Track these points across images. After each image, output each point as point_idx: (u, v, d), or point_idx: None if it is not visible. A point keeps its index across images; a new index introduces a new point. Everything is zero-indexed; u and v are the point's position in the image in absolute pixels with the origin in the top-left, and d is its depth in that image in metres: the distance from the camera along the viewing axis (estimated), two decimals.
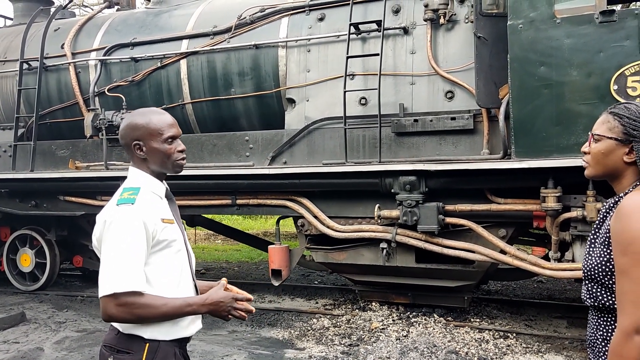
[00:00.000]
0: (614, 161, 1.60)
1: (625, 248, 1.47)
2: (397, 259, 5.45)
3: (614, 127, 1.60)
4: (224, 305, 1.89)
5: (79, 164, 6.86)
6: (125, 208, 1.80)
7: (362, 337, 5.15)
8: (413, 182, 5.07)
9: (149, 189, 1.92)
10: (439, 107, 5.42)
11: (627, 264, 1.46)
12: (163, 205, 1.94)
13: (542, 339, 5.09)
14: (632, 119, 1.57)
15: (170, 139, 1.92)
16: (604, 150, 1.61)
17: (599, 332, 1.61)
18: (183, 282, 1.92)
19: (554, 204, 4.58)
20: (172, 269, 1.89)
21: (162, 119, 1.94)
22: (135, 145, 1.92)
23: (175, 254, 1.90)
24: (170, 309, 1.80)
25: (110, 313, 1.77)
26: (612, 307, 1.56)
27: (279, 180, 5.66)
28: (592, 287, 1.62)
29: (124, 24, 7.10)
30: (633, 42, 4.27)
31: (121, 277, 1.74)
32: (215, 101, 6.42)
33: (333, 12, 5.95)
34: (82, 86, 7.00)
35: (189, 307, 1.84)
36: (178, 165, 1.96)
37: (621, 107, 1.62)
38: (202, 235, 13.12)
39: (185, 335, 1.94)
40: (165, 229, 1.87)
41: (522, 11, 4.60)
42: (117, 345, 1.85)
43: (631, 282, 1.45)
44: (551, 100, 4.52)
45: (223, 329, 5.72)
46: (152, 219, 1.83)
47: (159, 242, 1.85)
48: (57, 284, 7.71)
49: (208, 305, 1.87)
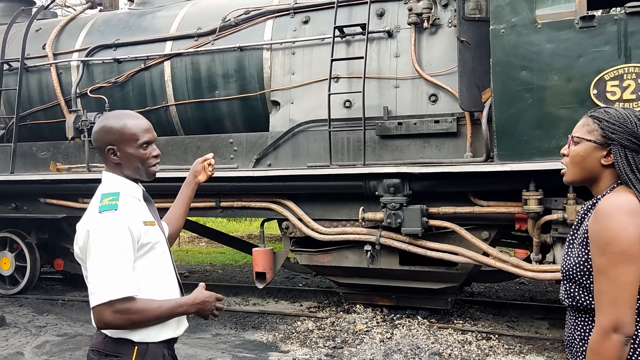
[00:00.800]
0: (591, 164, 1.64)
1: (603, 248, 1.50)
2: (381, 262, 5.47)
3: (593, 130, 1.63)
4: (209, 304, 1.93)
5: (60, 165, 6.78)
6: (109, 215, 1.78)
7: (346, 339, 5.16)
8: (397, 184, 5.10)
9: (127, 192, 1.90)
10: (423, 110, 5.46)
11: (605, 264, 1.49)
12: (143, 208, 1.93)
13: (524, 340, 5.15)
14: (610, 123, 1.61)
15: (146, 144, 1.90)
16: (583, 152, 1.64)
17: (577, 332, 1.64)
18: (169, 283, 1.93)
19: (535, 207, 4.64)
20: (158, 271, 1.90)
21: (137, 123, 1.91)
22: (109, 150, 1.89)
23: (160, 255, 1.91)
24: (164, 311, 1.82)
25: (107, 321, 1.75)
26: (589, 307, 1.59)
27: (264, 182, 5.65)
28: (570, 288, 1.65)
29: (107, 24, 7.04)
30: (612, 47, 4.35)
31: (115, 283, 1.72)
32: (199, 103, 6.39)
33: (318, 15, 5.96)
34: (63, 87, 6.92)
35: (180, 307, 1.87)
36: (152, 172, 1.95)
37: (601, 111, 1.66)
38: (185, 237, 13.02)
39: (174, 335, 1.95)
40: (148, 232, 1.86)
41: (504, 16, 4.66)
42: (105, 349, 1.84)
43: (609, 281, 1.48)
44: (532, 104, 4.58)
45: (207, 332, 5.69)
46: (136, 223, 1.82)
47: (143, 246, 1.85)
48: (37, 288, 7.60)
49: (196, 305, 1.90)
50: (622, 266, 1.47)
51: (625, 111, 1.63)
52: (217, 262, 10.28)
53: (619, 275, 1.47)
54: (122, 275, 1.74)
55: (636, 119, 1.61)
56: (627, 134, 1.59)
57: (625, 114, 1.62)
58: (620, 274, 1.47)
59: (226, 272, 9.20)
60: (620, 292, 1.47)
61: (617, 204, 1.53)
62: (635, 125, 1.60)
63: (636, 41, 4.28)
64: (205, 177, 2.36)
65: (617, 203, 1.53)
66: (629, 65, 4.29)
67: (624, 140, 1.59)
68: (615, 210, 1.51)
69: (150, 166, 1.93)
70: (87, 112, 6.41)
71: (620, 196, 1.56)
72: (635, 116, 1.62)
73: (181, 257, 10.75)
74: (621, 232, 1.48)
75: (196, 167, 2.37)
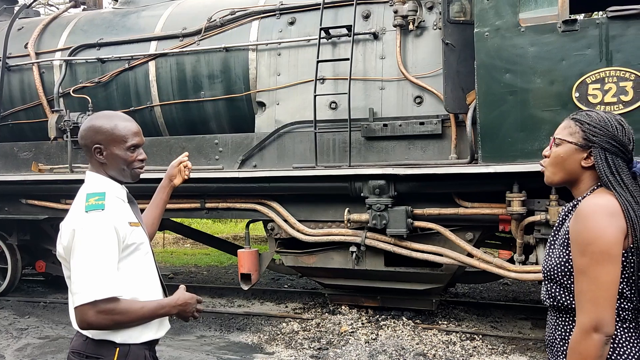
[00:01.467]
0: (572, 165, 1.66)
1: (584, 248, 1.52)
2: (366, 263, 5.48)
3: (575, 132, 1.66)
4: (190, 306, 1.94)
5: (43, 166, 6.70)
6: (96, 214, 1.77)
7: (331, 340, 5.16)
8: (382, 186, 5.12)
9: (112, 193, 1.90)
10: (408, 112, 5.48)
11: (586, 264, 1.51)
12: (127, 209, 1.94)
13: (507, 340, 5.19)
14: (592, 126, 1.63)
15: (133, 147, 1.91)
16: (564, 154, 1.67)
17: (557, 332, 1.66)
18: (152, 284, 1.94)
19: (518, 208, 4.68)
20: (142, 272, 1.90)
21: (127, 126, 1.92)
22: (96, 149, 1.89)
23: (144, 256, 1.91)
24: (146, 312, 1.82)
25: (90, 321, 1.73)
26: (570, 307, 1.61)
27: (249, 183, 5.64)
28: (551, 288, 1.67)
29: (91, 24, 6.97)
30: (594, 50, 4.41)
31: (99, 284, 1.72)
32: (184, 104, 6.35)
33: (304, 17, 5.96)
34: (46, 87, 6.83)
35: (163, 309, 1.87)
36: (136, 174, 1.96)
37: (583, 114, 1.68)
38: (170, 239, 12.93)
39: (156, 337, 1.95)
40: (133, 233, 1.87)
41: (488, 19, 4.70)
42: (85, 351, 1.82)
43: (589, 281, 1.51)
44: (516, 106, 4.63)
45: (191, 334, 5.66)
46: (122, 224, 1.83)
47: (128, 246, 1.85)
48: (18, 290, 7.49)
49: (178, 307, 1.91)
50: (602, 266, 1.49)
51: (606, 115, 1.66)
52: (202, 264, 10.22)
53: (599, 275, 1.49)
54: (106, 276, 1.73)
55: (617, 123, 1.64)
56: (607, 137, 1.61)
57: (607, 117, 1.65)
58: (600, 273, 1.49)
59: (211, 274, 9.16)
60: (601, 291, 1.49)
61: (598, 205, 1.55)
62: (616, 128, 1.62)
63: (617, 45, 4.35)
64: (180, 180, 2.36)
65: (598, 204, 1.55)
66: (610, 69, 4.36)
67: (604, 143, 1.61)
68: (595, 211, 1.54)
69: (135, 169, 1.94)
70: (69, 112, 6.33)
71: (600, 198, 1.58)
72: (616, 120, 1.64)
73: (166, 258, 10.67)
74: (601, 233, 1.50)
75: (171, 170, 2.37)
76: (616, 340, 1.56)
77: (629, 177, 1.61)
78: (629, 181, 1.59)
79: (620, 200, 1.55)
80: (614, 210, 1.54)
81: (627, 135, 1.63)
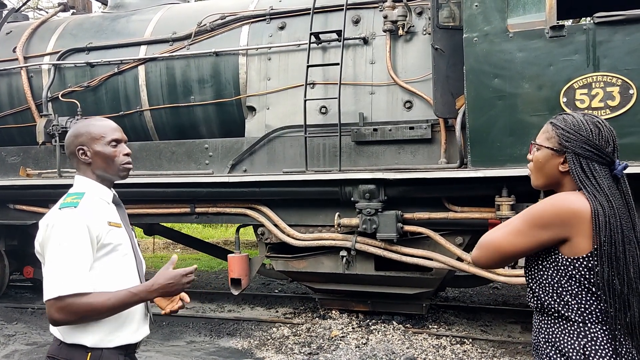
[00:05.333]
0: (551, 170, 1.67)
1: (524, 212, 1.61)
2: (356, 267, 5.48)
3: (552, 137, 1.67)
4: (175, 284, 1.87)
5: (31, 171, 6.64)
6: (68, 211, 1.79)
7: (321, 345, 5.15)
8: (372, 190, 5.13)
9: (95, 194, 1.91)
10: (398, 117, 5.50)
11: (514, 221, 1.62)
12: (110, 210, 1.94)
13: (497, 344, 5.21)
14: (565, 131, 1.63)
15: (114, 142, 1.93)
16: (542, 159, 1.68)
17: (541, 334, 1.67)
18: (130, 286, 1.89)
19: (508, 212, 4.70)
20: (119, 273, 1.87)
21: (104, 123, 1.97)
22: (80, 150, 1.92)
23: (121, 258, 1.89)
24: (116, 302, 1.77)
25: (55, 317, 1.74)
26: (554, 309, 1.62)
27: (239, 188, 5.62)
28: None
29: (80, 28, 6.94)
30: (581, 56, 4.46)
31: (64, 279, 1.72)
32: (174, 108, 6.33)
33: (294, 21, 5.97)
34: (34, 91, 6.78)
35: (135, 296, 1.80)
36: (123, 169, 1.96)
37: (560, 118, 1.68)
38: (160, 244, 12.86)
39: (131, 341, 1.91)
40: (110, 232, 1.85)
41: (477, 25, 4.74)
42: (59, 355, 1.82)
43: (496, 233, 1.65)
44: (505, 111, 4.66)
45: (180, 339, 5.62)
46: (97, 222, 1.82)
47: (104, 246, 1.83)
48: (6, 296, 7.41)
49: (157, 291, 1.84)
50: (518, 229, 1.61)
51: (583, 118, 1.64)
52: None
53: (511, 225, 1.62)
54: (72, 272, 1.73)
55: (592, 126, 1.61)
56: (580, 142, 1.60)
57: (582, 120, 1.63)
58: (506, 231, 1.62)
59: (201, 279, 9.11)
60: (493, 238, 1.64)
61: (566, 199, 1.58)
62: (590, 131, 1.60)
63: (604, 50, 4.40)
64: (167, 307, 1.97)
65: (567, 199, 1.58)
66: (597, 74, 4.40)
67: (577, 148, 1.60)
68: (554, 197, 1.60)
69: (122, 164, 1.94)
70: (58, 117, 6.29)
71: (572, 195, 1.59)
72: (592, 123, 1.62)
73: (156, 263, 10.60)
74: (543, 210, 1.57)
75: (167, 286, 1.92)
76: (598, 342, 1.55)
77: (608, 179, 1.59)
78: (606, 184, 1.57)
79: (592, 203, 1.54)
80: (576, 211, 1.54)
81: (603, 138, 1.60)
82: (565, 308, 1.58)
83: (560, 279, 1.58)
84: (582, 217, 1.54)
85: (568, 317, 1.58)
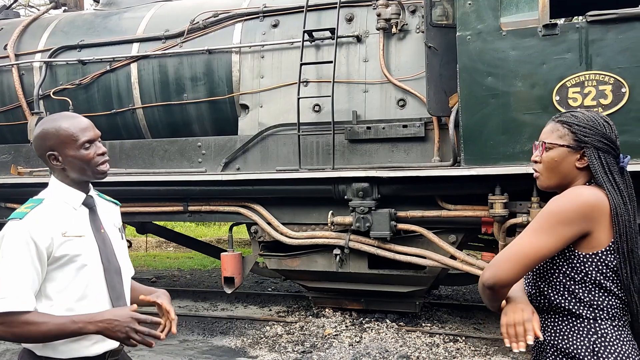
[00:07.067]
0: (567, 168, 1.66)
1: (542, 214, 1.58)
2: (350, 265, 5.48)
3: (565, 134, 1.66)
4: (119, 325, 1.67)
5: (22, 169, 6.59)
6: (12, 224, 1.71)
7: (315, 343, 5.15)
8: (366, 188, 5.13)
9: (60, 199, 1.80)
10: (391, 115, 5.50)
11: (532, 225, 1.58)
12: (72, 218, 1.80)
13: (490, 342, 5.22)
14: (581, 126, 1.64)
15: (87, 143, 1.78)
16: (557, 157, 1.66)
17: (546, 335, 1.66)
18: (89, 299, 1.77)
19: (500, 210, 4.72)
20: (75, 285, 1.75)
21: (73, 123, 1.78)
22: (50, 156, 1.79)
23: (77, 270, 1.75)
24: (52, 327, 1.65)
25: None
26: (563, 307, 1.62)
27: (232, 186, 5.60)
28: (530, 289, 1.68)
29: (71, 25, 6.88)
30: (574, 54, 4.47)
31: (3, 297, 1.64)
32: (167, 106, 6.30)
33: (287, 19, 5.96)
34: (25, 89, 6.73)
35: (74, 324, 1.67)
36: (100, 171, 1.82)
37: (568, 115, 1.68)
38: (153, 242, 12.80)
39: (87, 354, 1.77)
40: (65, 244, 1.73)
41: (470, 23, 4.74)
42: (21, 356, 1.79)
43: (514, 243, 1.59)
44: (498, 109, 4.67)
45: (173, 338, 5.60)
46: (46, 234, 1.70)
47: (57, 259, 1.72)
48: None
49: (97, 323, 1.67)
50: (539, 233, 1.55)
51: (591, 114, 1.67)
52: (185, 267, 10.14)
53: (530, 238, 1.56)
54: (11, 289, 1.64)
55: (603, 121, 1.65)
56: (598, 135, 1.62)
57: (593, 116, 1.66)
58: (531, 238, 1.56)
59: (194, 277, 9.09)
60: (516, 253, 1.56)
61: (584, 193, 1.58)
62: (604, 126, 1.64)
63: (597, 49, 4.41)
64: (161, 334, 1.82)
65: (584, 192, 1.58)
66: (590, 73, 4.42)
67: (596, 142, 1.62)
68: (572, 192, 1.59)
69: (97, 165, 1.80)
70: (49, 115, 6.24)
71: (589, 189, 1.60)
72: (602, 118, 1.66)
73: (148, 262, 10.56)
74: (564, 207, 1.55)
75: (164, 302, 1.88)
76: (607, 338, 1.56)
77: (619, 173, 1.63)
78: (619, 179, 1.61)
79: (610, 198, 1.56)
80: (595, 204, 1.55)
81: (614, 132, 1.65)
82: (577, 305, 1.59)
83: (575, 275, 1.58)
84: (602, 210, 1.55)
85: (579, 315, 1.59)
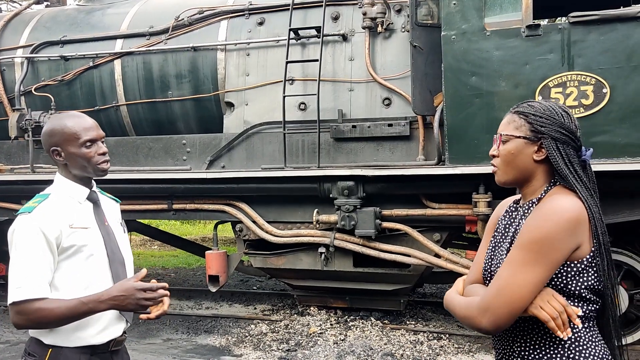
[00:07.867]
0: (524, 161, 1.57)
1: (526, 243, 1.46)
2: (335, 264, 5.49)
3: (521, 125, 1.58)
4: (127, 298, 1.76)
5: (3, 166, 6.50)
6: (22, 217, 1.81)
7: (300, 342, 5.15)
8: (351, 187, 5.14)
9: (65, 193, 1.90)
10: (377, 114, 5.52)
11: (518, 257, 1.46)
12: (79, 211, 1.91)
13: (473, 339, 5.27)
14: (538, 116, 1.56)
15: (89, 142, 1.89)
16: (514, 150, 1.57)
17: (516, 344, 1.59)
18: (95, 288, 1.85)
19: (484, 209, 4.76)
20: (81, 275, 1.85)
21: (78, 122, 1.90)
22: (54, 152, 1.90)
23: (86, 259, 1.86)
24: (65, 310, 1.75)
25: (14, 322, 1.78)
26: None
27: (217, 184, 5.58)
28: None
29: (54, 21, 6.80)
30: (557, 55, 4.52)
31: (18, 286, 1.75)
32: (151, 103, 6.25)
33: (273, 17, 5.94)
34: (6, 85, 6.64)
35: (85, 305, 1.76)
36: (100, 169, 1.92)
37: (525, 106, 1.61)
38: (137, 240, 12.70)
39: (94, 343, 1.87)
40: (72, 235, 1.84)
41: (455, 23, 4.77)
42: (28, 347, 1.87)
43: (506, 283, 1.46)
44: (482, 109, 4.71)
45: (157, 337, 5.57)
46: (54, 226, 1.80)
47: (65, 249, 1.82)
48: None
49: (107, 302, 1.76)
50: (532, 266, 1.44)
51: (549, 103, 1.60)
52: (170, 266, 10.07)
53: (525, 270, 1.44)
54: (26, 278, 1.75)
55: (561, 110, 1.57)
56: (556, 125, 1.54)
57: (551, 106, 1.58)
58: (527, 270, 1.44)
59: (179, 276, 9.03)
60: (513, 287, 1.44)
61: (563, 208, 1.46)
62: (562, 116, 1.56)
63: (579, 50, 4.47)
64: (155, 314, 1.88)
65: (564, 207, 1.46)
66: (572, 73, 4.47)
67: (554, 132, 1.54)
68: (557, 212, 1.46)
69: (98, 163, 1.91)
70: (31, 111, 6.16)
71: (564, 199, 1.48)
72: (560, 107, 1.58)
73: (133, 260, 10.46)
74: (553, 238, 1.44)
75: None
76: (581, 341, 1.51)
77: (580, 166, 1.55)
78: (582, 172, 1.54)
79: (584, 202, 1.49)
80: (578, 217, 1.47)
81: (573, 122, 1.57)
82: None
83: (567, 283, 1.50)
84: (584, 221, 1.48)
85: None
